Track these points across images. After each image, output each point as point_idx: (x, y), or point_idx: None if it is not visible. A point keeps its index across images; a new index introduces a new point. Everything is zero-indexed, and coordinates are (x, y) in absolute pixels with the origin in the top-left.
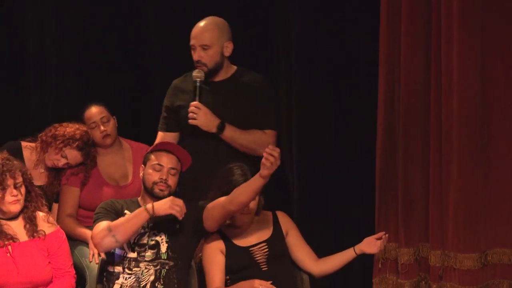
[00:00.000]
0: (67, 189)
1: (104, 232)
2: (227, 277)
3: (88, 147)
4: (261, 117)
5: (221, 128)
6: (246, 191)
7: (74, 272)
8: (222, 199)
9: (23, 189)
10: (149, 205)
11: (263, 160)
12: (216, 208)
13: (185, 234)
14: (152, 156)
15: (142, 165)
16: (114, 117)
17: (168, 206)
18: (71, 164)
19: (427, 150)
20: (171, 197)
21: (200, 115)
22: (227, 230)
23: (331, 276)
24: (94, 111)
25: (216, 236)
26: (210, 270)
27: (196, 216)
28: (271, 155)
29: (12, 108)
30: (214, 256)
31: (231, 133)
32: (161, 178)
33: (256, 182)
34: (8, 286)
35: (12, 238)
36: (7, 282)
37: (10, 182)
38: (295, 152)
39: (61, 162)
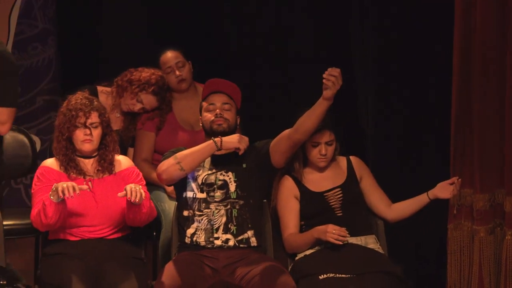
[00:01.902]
0: (143, 134)
1: (170, 161)
2: (302, 222)
3: (164, 92)
4: None
5: None
6: (311, 117)
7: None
8: (287, 131)
9: (98, 131)
10: (217, 138)
11: (324, 81)
12: (282, 140)
13: (253, 172)
14: (203, 103)
15: (200, 117)
16: (189, 61)
17: (236, 140)
18: (146, 108)
19: (503, 91)
20: (239, 134)
21: None
22: (301, 176)
23: (405, 221)
24: (170, 56)
25: (290, 181)
26: (285, 216)
27: (262, 153)
28: (332, 75)
29: (88, 53)
30: (289, 201)
31: None
32: (216, 114)
33: (320, 106)
34: (87, 220)
35: (90, 175)
36: (86, 216)
37: (82, 120)
38: (371, 99)
39: (137, 106)
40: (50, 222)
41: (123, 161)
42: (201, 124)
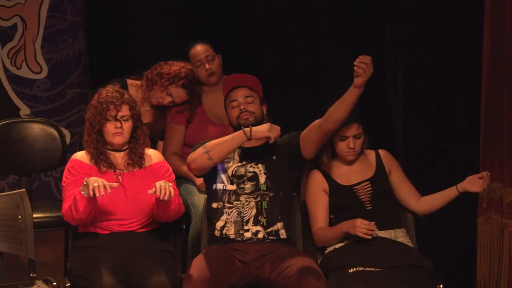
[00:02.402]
0: (172, 127)
1: (199, 150)
2: (331, 216)
3: (193, 85)
4: None
5: None
6: (342, 106)
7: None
8: (317, 121)
9: (128, 124)
10: (247, 128)
11: (355, 68)
12: (312, 130)
13: (283, 164)
14: (226, 101)
15: (226, 114)
16: (219, 55)
17: (266, 129)
18: (176, 102)
19: None
20: (269, 123)
21: None
22: (330, 169)
23: (435, 215)
24: (199, 49)
25: (319, 175)
26: (314, 210)
27: (292, 144)
28: (363, 62)
29: (118, 46)
30: (318, 195)
31: None
32: (240, 110)
33: (351, 94)
34: (117, 214)
35: (120, 168)
36: (116, 210)
37: (113, 113)
38: (401, 93)
39: (166, 100)
40: (82, 217)
41: (153, 155)
42: (229, 122)
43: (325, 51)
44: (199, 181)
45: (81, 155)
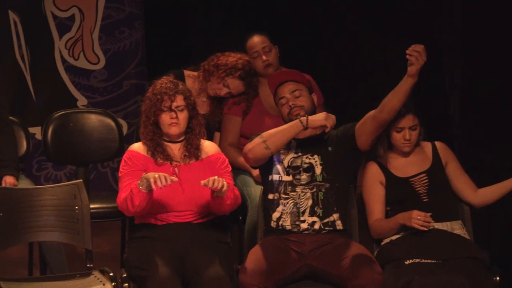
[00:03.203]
0: (229, 118)
1: (256, 140)
2: (387, 208)
3: (250, 77)
4: None
5: None
6: (396, 95)
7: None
8: (372, 111)
9: (184, 114)
10: (303, 118)
11: (407, 57)
12: (367, 121)
13: (339, 155)
14: (275, 99)
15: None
16: (276, 46)
17: (323, 117)
18: (233, 93)
19: None
20: (325, 112)
21: None
22: (386, 161)
23: (491, 207)
24: (256, 40)
25: (376, 167)
26: (370, 202)
27: (347, 136)
28: (415, 50)
29: (175, 37)
30: (374, 187)
31: None
32: (289, 106)
33: (405, 84)
34: (173, 206)
35: (177, 160)
36: (172, 202)
37: (167, 104)
38: (459, 84)
39: (223, 91)
40: (137, 210)
41: (210, 147)
42: (282, 119)
43: (381, 45)
44: (256, 172)
45: (137, 147)
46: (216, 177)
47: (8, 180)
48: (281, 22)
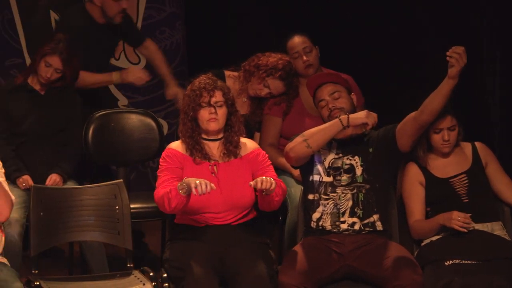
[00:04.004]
0: (270, 119)
1: (298, 139)
2: (428, 208)
3: (291, 77)
4: None
5: None
6: (436, 97)
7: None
8: (413, 113)
9: (223, 110)
10: (344, 116)
11: (447, 58)
12: (408, 123)
13: (379, 157)
14: (315, 102)
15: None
16: (316, 46)
17: (364, 115)
18: (273, 93)
19: None
20: (367, 110)
21: None
22: (426, 162)
23: None
24: (297, 40)
25: (415, 168)
26: (410, 202)
27: (388, 137)
28: (455, 52)
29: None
30: (414, 188)
31: None
32: (329, 109)
33: (445, 86)
34: (211, 207)
35: (215, 158)
36: (210, 202)
37: (206, 100)
38: (498, 85)
39: (264, 91)
40: (173, 211)
41: (248, 144)
42: (323, 122)
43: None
44: (296, 172)
45: (176, 145)
46: (263, 177)
47: (54, 177)
48: (323, 22)
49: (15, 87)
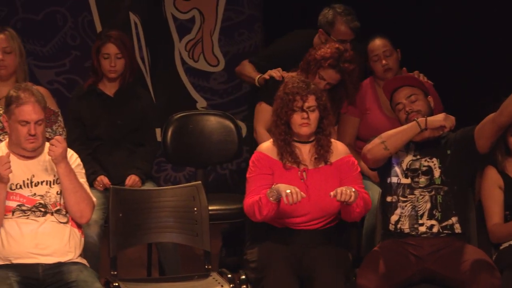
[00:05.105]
0: (347, 118)
1: (375, 141)
2: (507, 212)
3: (342, 62)
4: None
5: None
6: None
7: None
8: (491, 115)
9: (315, 114)
10: (422, 119)
11: None
12: (486, 124)
13: (458, 158)
14: (392, 105)
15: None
16: (398, 50)
17: (442, 118)
18: (331, 83)
19: None
20: (445, 113)
21: None
22: (504, 166)
23: None
24: (378, 43)
25: (494, 171)
26: (489, 206)
27: (466, 139)
28: None
29: None
30: (493, 191)
31: None
32: (406, 112)
33: None
34: (297, 211)
35: (305, 163)
36: (298, 207)
37: (299, 104)
38: None
39: (322, 84)
40: (265, 219)
41: (340, 148)
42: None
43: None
44: (373, 173)
45: (265, 147)
46: (344, 188)
47: (133, 178)
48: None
49: (84, 93)
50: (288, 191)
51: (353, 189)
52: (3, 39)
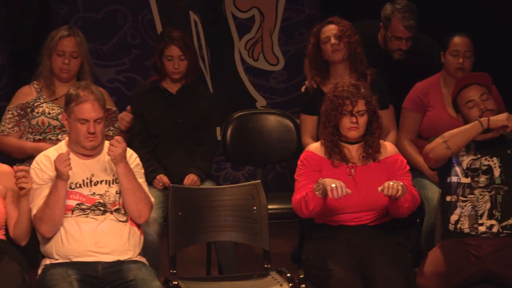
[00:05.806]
0: (408, 114)
1: (438, 140)
2: None
3: (347, 37)
4: None
5: None
6: None
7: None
8: None
9: (364, 118)
10: (484, 118)
11: None
12: None
13: None
14: (459, 101)
15: (459, 114)
16: (474, 57)
17: (504, 118)
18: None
19: None
20: (507, 113)
21: None
22: None
23: None
24: (463, 41)
25: None
26: None
27: None
28: None
29: None
30: None
31: None
32: (481, 109)
33: None
34: (348, 208)
35: (353, 161)
36: (347, 203)
37: (349, 108)
38: None
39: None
40: (311, 214)
41: (388, 147)
42: (464, 122)
43: None
44: (431, 172)
45: (314, 147)
46: (391, 182)
47: (192, 177)
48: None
49: (147, 89)
50: (334, 185)
51: (401, 183)
52: (73, 44)
